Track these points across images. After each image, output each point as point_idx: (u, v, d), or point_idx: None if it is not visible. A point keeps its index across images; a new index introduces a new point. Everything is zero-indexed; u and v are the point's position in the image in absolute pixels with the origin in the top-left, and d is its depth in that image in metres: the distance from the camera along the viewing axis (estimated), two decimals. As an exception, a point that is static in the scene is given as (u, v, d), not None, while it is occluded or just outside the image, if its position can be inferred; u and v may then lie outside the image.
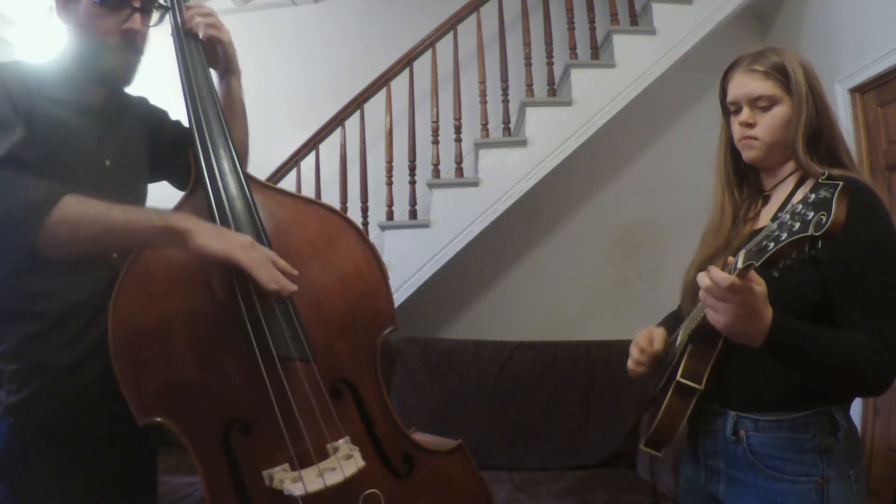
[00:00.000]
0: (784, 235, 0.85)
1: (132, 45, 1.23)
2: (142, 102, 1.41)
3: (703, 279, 0.96)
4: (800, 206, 0.85)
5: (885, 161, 2.83)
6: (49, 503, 1.13)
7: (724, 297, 0.93)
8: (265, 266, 1.09)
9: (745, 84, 1.17)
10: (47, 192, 1.04)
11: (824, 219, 0.80)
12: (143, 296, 1.11)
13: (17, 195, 1.02)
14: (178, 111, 1.38)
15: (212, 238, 1.06)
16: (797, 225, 0.83)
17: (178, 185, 1.41)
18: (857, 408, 2.75)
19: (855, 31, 2.91)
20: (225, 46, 1.37)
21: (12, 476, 1.12)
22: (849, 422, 1.10)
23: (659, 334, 1.27)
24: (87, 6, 1.18)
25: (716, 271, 0.94)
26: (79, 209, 1.05)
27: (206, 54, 1.35)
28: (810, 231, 0.81)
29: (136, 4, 1.22)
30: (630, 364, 1.26)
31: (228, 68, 1.40)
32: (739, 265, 0.91)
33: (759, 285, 0.94)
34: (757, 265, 0.88)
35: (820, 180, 0.84)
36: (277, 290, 1.10)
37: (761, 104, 1.16)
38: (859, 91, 2.93)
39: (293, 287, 1.11)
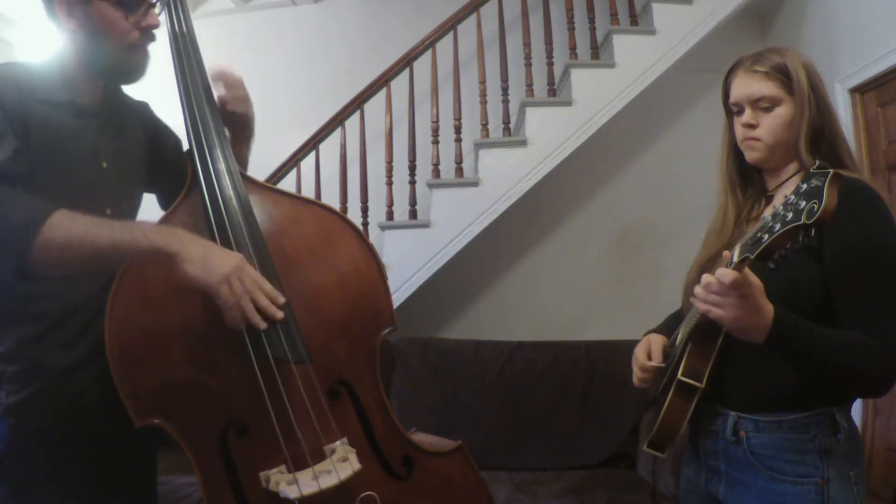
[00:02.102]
0: (777, 226, 0.85)
1: (150, 40, 1.23)
2: (143, 107, 1.39)
3: (704, 278, 0.96)
4: (792, 197, 0.86)
5: (885, 161, 2.83)
6: (48, 504, 1.13)
7: (726, 292, 0.94)
8: (244, 299, 1.06)
9: (747, 85, 1.17)
10: (35, 212, 1.01)
11: (816, 206, 0.81)
12: (139, 298, 1.11)
13: (5, 216, 1.00)
14: (176, 109, 1.37)
15: (196, 267, 1.04)
16: (790, 215, 0.84)
17: (164, 201, 1.40)
18: (856, 408, 2.75)
19: (855, 31, 2.90)
20: (248, 119, 1.34)
21: (12, 477, 1.12)
22: (849, 423, 1.10)
23: (657, 345, 1.27)
24: (103, 9, 1.15)
25: (719, 270, 0.94)
26: (66, 231, 1.02)
27: (222, 116, 1.32)
28: (802, 220, 0.82)
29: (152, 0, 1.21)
30: (635, 381, 1.28)
31: (241, 135, 1.36)
32: (735, 259, 0.91)
33: (754, 280, 0.94)
34: (752, 257, 0.89)
35: (812, 170, 0.85)
36: (238, 328, 1.07)
37: (763, 105, 1.15)
38: (859, 91, 2.93)
39: (262, 325, 1.09)
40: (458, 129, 3.31)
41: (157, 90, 1.51)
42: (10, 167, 1.05)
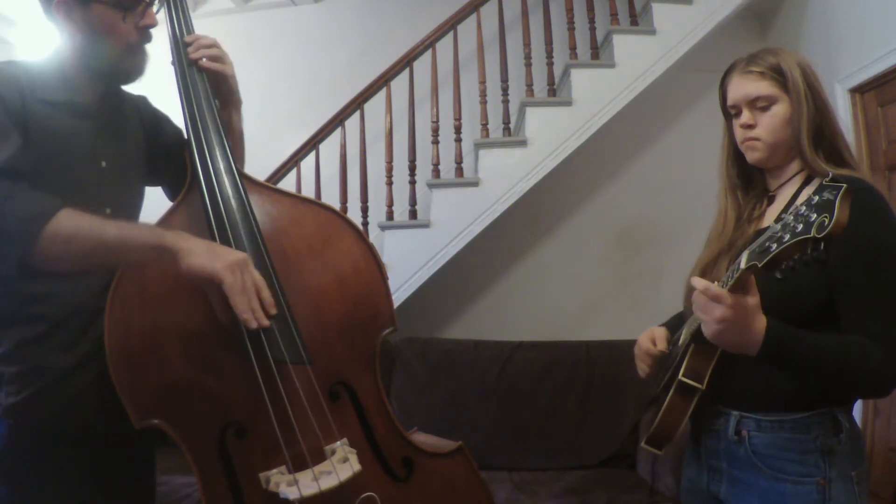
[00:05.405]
0: (787, 237, 0.85)
1: (147, 40, 1.23)
2: (141, 101, 1.39)
3: (696, 283, 0.97)
4: (803, 208, 0.85)
5: (885, 161, 2.83)
6: (48, 504, 1.13)
7: (706, 307, 0.95)
8: (249, 292, 1.07)
9: (743, 86, 1.17)
10: (43, 206, 1.03)
11: (827, 221, 0.81)
12: (138, 299, 1.11)
13: (13, 209, 1.01)
14: (173, 109, 1.36)
15: (202, 257, 1.05)
16: (800, 227, 0.84)
17: (172, 193, 1.39)
18: (857, 408, 2.75)
19: (855, 31, 2.90)
20: (228, 80, 1.33)
21: (11, 477, 1.12)
22: (851, 423, 1.10)
23: (661, 334, 1.27)
24: (102, 11, 1.16)
25: (699, 281, 0.96)
26: (73, 224, 1.04)
27: (208, 84, 1.31)
28: (813, 233, 0.82)
29: None
30: (638, 364, 1.28)
31: (229, 100, 1.35)
32: (742, 265, 0.91)
33: (752, 297, 0.95)
34: (760, 266, 0.89)
35: (824, 182, 0.85)
36: (248, 320, 1.07)
37: (760, 104, 1.16)
38: (859, 91, 2.93)
39: (265, 322, 1.08)
40: (458, 129, 3.31)
41: (155, 86, 1.50)
42: (16, 163, 1.05)
